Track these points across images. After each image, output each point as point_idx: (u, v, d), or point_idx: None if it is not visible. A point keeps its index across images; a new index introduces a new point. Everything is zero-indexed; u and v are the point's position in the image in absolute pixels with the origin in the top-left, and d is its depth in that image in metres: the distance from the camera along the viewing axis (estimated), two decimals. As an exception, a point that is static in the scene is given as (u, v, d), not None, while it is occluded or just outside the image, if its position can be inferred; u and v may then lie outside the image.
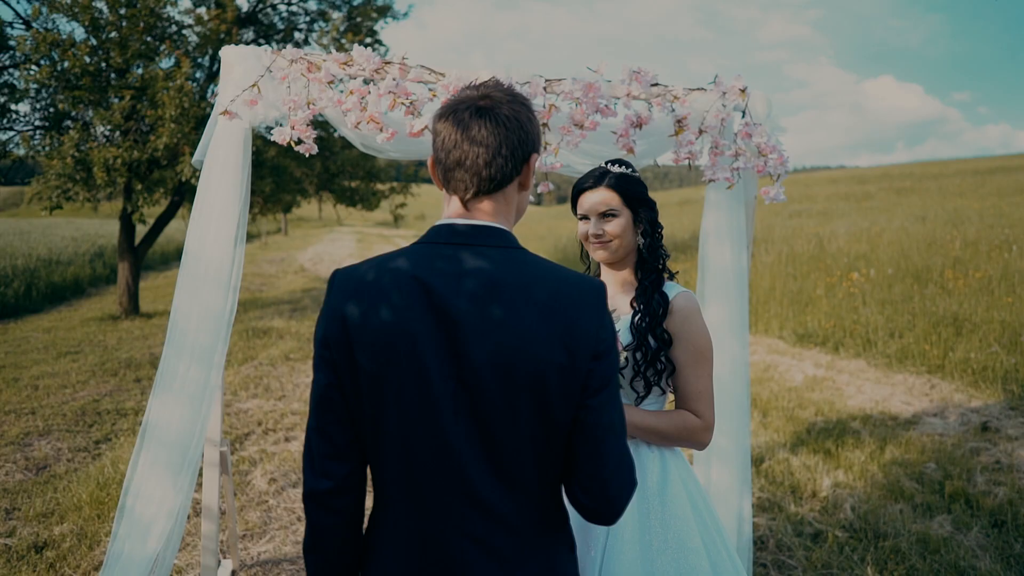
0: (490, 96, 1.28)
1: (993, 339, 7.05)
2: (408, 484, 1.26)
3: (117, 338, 9.16)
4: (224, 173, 2.52)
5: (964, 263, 9.64)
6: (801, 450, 5.05)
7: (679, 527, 1.84)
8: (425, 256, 1.25)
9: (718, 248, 2.85)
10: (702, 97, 2.76)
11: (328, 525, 1.31)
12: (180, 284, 2.50)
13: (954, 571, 3.39)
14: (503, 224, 1.31)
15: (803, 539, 3.76)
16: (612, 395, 1.26)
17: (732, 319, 2.81)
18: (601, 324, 1.24)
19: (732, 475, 2.75)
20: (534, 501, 1.28)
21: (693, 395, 1.92)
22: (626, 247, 2.00)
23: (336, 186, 12.00)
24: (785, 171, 2.66)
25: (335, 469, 1.28)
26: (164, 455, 2.41)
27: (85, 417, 5.75)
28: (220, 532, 3.47)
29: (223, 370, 2.58)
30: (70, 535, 3.71)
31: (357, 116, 2.57)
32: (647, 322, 1.92)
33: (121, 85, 8.49)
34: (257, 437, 5.35)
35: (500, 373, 1.19)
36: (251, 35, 11.13)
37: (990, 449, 4.98)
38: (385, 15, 11.55)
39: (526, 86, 2.64)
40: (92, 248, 17.29)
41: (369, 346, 1.21)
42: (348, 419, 1.26)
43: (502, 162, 1.26)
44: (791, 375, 7.26)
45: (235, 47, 2.59)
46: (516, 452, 1.23)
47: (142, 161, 8.50)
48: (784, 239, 13.63)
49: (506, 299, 1.20)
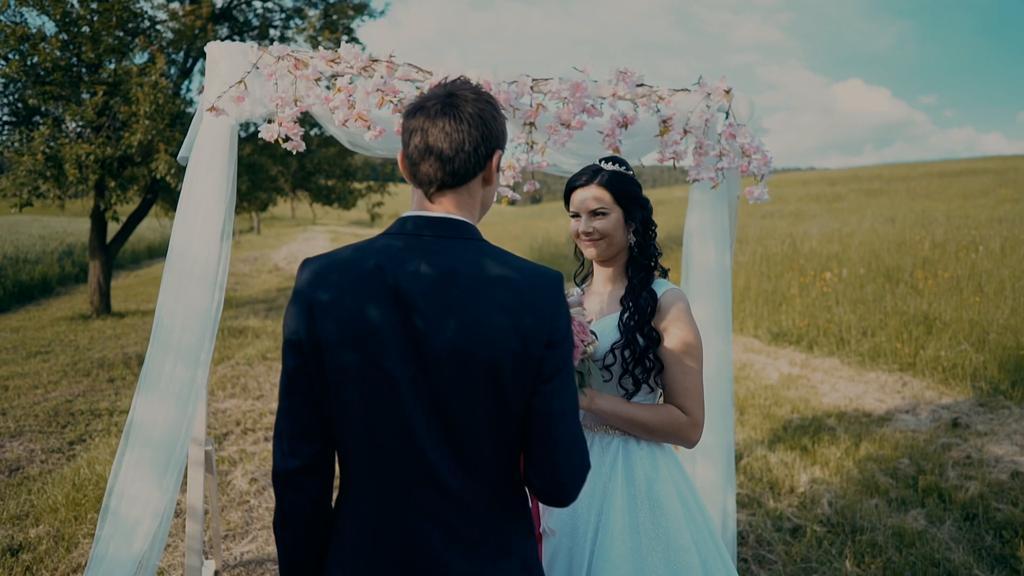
0: (456, 94, 1.33)
1: (962, 337, 7.22)
2: (371, 466, 1.30)
3: (89, 338, 8.99)
4: (210, 170, 2.50)
5: (933, 263, 9.86)
6: (778, 447, 5.13)
7: (669, 524, 1.84)
8: (389, 247, 1.31)
9: (702, 247, 2.89)
10: (686, 98, 2.80)
11: (296, 503, 1.36)
12: (165, 282, 2.47)
13: (929, 563, 3.47)
14: (466, 217, 1.36)
15: (782, 534, 3.82)
16: (564, 382, 1.31)
17: (716, 317, 2.85)
18: (555, 313, 1.29)
19: (717, 471, 2.79)
20: (492, 484, 1.32)
21: (680, 392, 1.91)
22: (617, 245, 2.00)
23: (312, 184, 11.89)
24: (768, 171, 2.71)
25: (302, 449, 1.32)
26: (149, 455, 2.39)
27: (58, 418, 5.64)
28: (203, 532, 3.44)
29: (208, 368, 2.56)
30: (46, 537, 3.65)
31: (345, 114, 2.57)
32: (636, 320, 1.92)
33: (93, 81, 8.33)
34: (236, 437, 5.29)
35: (457, 359, 1.24)
36: (225, 31, 10.99)
37: (961, 445, 5.11)
38: (362, 13, 11.48)
39: (513, 85, 2.66)
40: (60, 246, 16.93)
41: (333, 333, 1.26)
42: (315, 402, 1.31)
43: (465, 157, 1.32)
44: (767, 373, 7.36)
45: (221, 43, 2.57)
46: (474, 436, 1.28)
47: (115, 158, 8.34)
48: (758, 239, 13.81)
49: (464, 288, 1.26)
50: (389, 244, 1.32)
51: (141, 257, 21.29)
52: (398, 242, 1.32)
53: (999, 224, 13.01)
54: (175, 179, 8.10)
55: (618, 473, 1.90)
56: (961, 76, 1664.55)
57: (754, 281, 10.52)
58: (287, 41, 11.18)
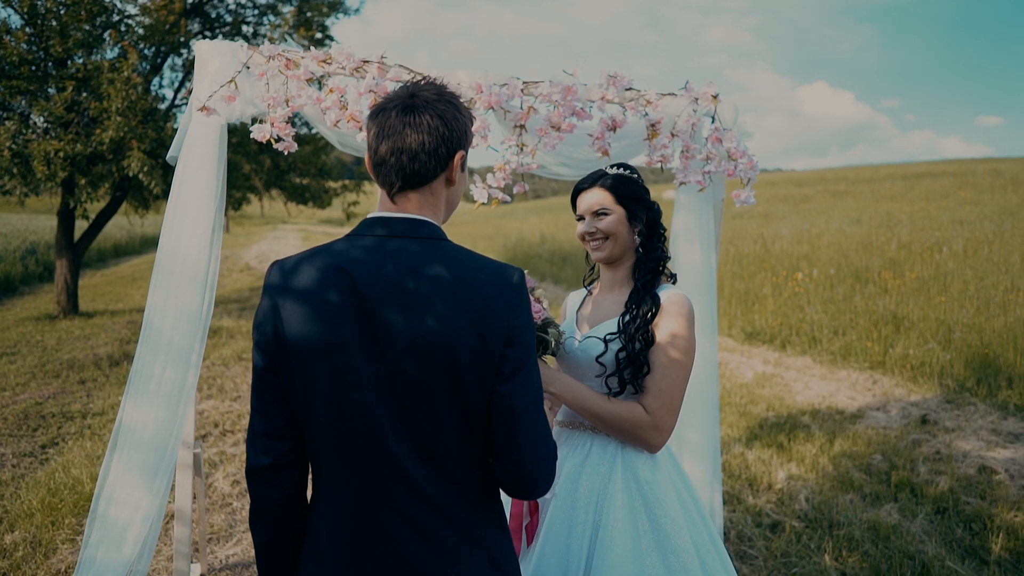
0: (418, 95, 1.36)
1: (929, 336, 7.43)
2: (339, 462, 1.32)
3: (56, 338, 8.79)
4: (200, 170, 2.48)
5: (900, 264, 10.11)
6: (755, 444, 5.22)
7: (668, 525, 1.83)
8: (352, 248, 1.33)
9: (688, 249, 2.94)
10: (674, 102, 2.85)
11: (269, 499, 1.39)
12: (154, 282, 2.44)
13: (904, 556, 3.58)
14: (429, 217, 1.38)
15: (762, 530, 3.90)
16: (526, 380, 1.33)
17: (702, 317, 2.90)
18: (515, 311, 1.31)
19: (703, 468, 2.84)
20: (458, 479, 1.34)
21: (652, 390, 1.87)
22: (621, 245, 2.00)
23: (287, 183, 11.77)
24: (755, 175, 2.76)
25: (273, 447, 1.35)
26: (139, 458, 2.35)
27: (28, 421, 5.52)
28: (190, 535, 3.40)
29: (199, 370, 2.53)
30: (23, 543, 3.57)
31: (336, 114, 2.56)
32: (636, 322, 1.91)
33: (62, 75, 8.14)
34: (215, 439, 5.23)
35: (417, 357, 1.26)
36: (197, 27, 10.82)
37: (930, 440, 5.26)
38: (337, 10, 11.38)
39: (504, 88, 2.67)
40: (23, 244, 16.49)
41: (298, 334, 1.29)
42: (284, 400, 1.34)
43: (426, 158, 1.34)
44: (741, 372, 7.48)
45: (210, 41, 2.55)
46: (437, 433, 1.30)
47: (85, 155, 8.16)
48: (730, 240, 14.01)
49: (424, 287, 1.28)
50: (353, 245, 1.34)
51: (108, 256, 20.84)
52: (361, 243, 1.34)
53: (960, 226, 13.38)
54: (148, 177, 7.95)
55: (617, 473, 1.90)
56: (921, 81, 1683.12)
57: (728, 281, 10.68)
58: (260, 37, 11.03)
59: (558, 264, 16.24)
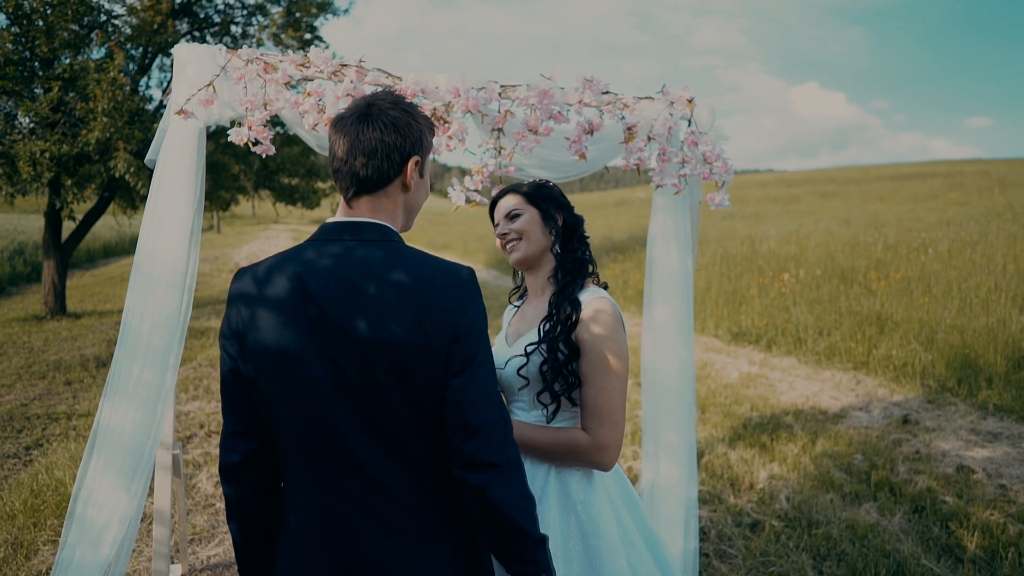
0: (374, 104, 1.42)
1: (912, 337, 7.49)
2: (302, 459, 1.37)
3: (43, 339, 8.76)
4: (178, 173, 2.49)
5: (885, 265, 10.19)
6: (738, 444, 5.27)
7: (602, 548, 1.75)
8: (308, 252, 1.39)
9: (665, 251, 2.97)
10: (650, 106, 2.88)
11: (240, 497, 1.46)
12: (132, 285, 2.45)
13: (880, 554, 3.62)
14: (385, 220, 1.43)
15: (742, 529, 3.94)
16: (475, 375, 1.35)
17: (678, 320, 2.93)
18: (460, 308, 1.34)
19: (679, 469, 2.87)
20: (418, 472, 1.38)
21: (589, 410, 1.78)
22: (536, 245, 1.95)
23: (275, 183, 11.76)
24: (729, 178, 2.80)
25: (241, 446, 1.42)
26: (117, 459, 2.36)
27: (13, 422, 5.50)
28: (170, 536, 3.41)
29: (177, 372, 2.55)
30: (4, 545, 3.57)
31: (314, 118, 2.58)
32: (557, 330, 1.82)
33: (48, 76, 8.11)
34: (200, 440, 5.23)
35: (367, 357, 1.30)
36: (186, 27, 10.80)
37: (911, 440, 5.31)
38: (325, 11, 11.38)
39: (482, 91, 2.70)
40: (11, 245, 16.39)
41: (256, 337, 1.35)
42: (249, 400, 1.40)
43: (378, 163, 1.40)
44: (727, 372, 7.53)
45: (189, 44, 2.56)
46: (394, 427, 1.34)
47: (71, 156, 8.14)
48: (718, 240, 14.08)
49: (373, 286, 1.32)
50: (307, 249, 1.40)
51: (97, 256, 20.73)
52: (316, 247, 1.39)
53: (947, 227, 13.49)
54: (134, 178, 7.93)
55: (550, 493, 1.81)
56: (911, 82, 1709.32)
57: (715, 282, 10.74)
58: (249, 38, 11.02)
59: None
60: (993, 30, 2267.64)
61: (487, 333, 1.42)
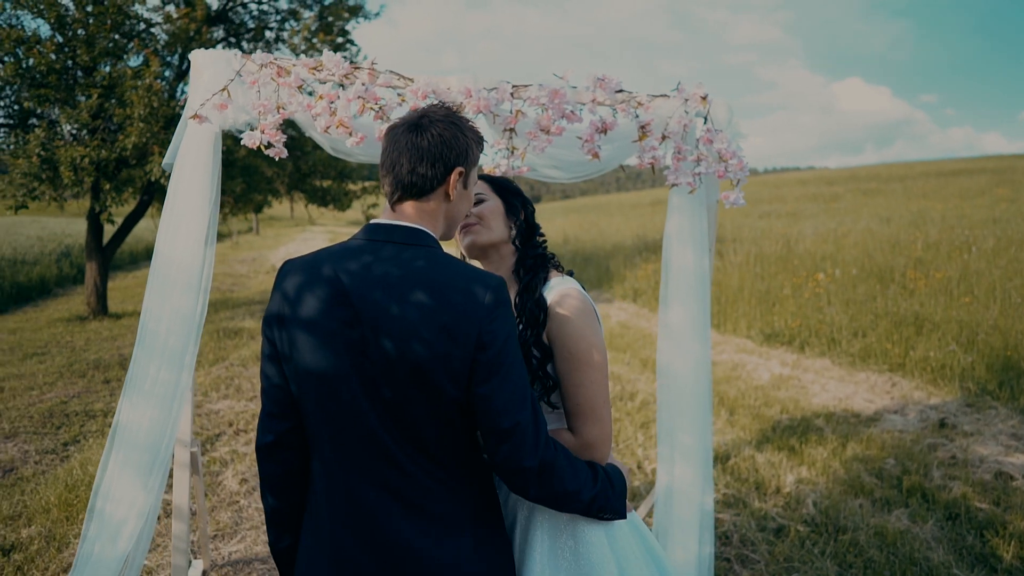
0: (426, 115, 1.51)
1: (951, 338, 7.27)
2: (330, 442, 1.46)
3: (85, 339, 9.03)
4: (194, 176, 2.53)
5: (926, 264, 9.91)
6: (766, 447, 5.17)
7: (591, 554, 1.68)
8: (346, 252, 1.46)
9: (681, 251, 2.93)
10: (665, 103, 2.84)
11: (273, 474, 1.57)
12: (150, 286, 2.51)
13: (909, 562, 3.52)
14: (426, 227, 1.51)
15: (766, 534, 3.86)
16: (505, 380, 1.39)
17: (694, 320, 2.88)
18: (488, 316, 1.38)
19: (695, 472, 2.82)
20: (443, 462, 1.45)
21: (571, 410, 1.70)
22: (494, 234, 1.88)
23: (308, 186, 11.92)
24: (745, 176, 2.75)
25: (276, 426, 1.53)
26: (135, 456, 2.42)
27: (53, 419, 5.68)
28: (191, 532, 3.48)
29: (193, 371, 2.60)
30: (38, 537, 3.69)
31: (326, 120, 2.61)
32: (528, 333, 1.74)
33: (88, 83, 8.36)
34: (228, 438, 5.33)
35: (391, 356, 1.37)
36: (221, 33, 11.02)
37: (947, 445, 5.15)
38: (357, 15, 11.51)
39: (493, 92, 2.70)
40: (58, 248, 16.96)
41: (295, 329, 1.44)
42: (285, 386, 1.50)
43: (423, 171, 1.47)
44: (758, 374, 7.40)
45: (205, 51, 2.61)
46: (417, 419, 1.40)
47: (110, 160, 8.38)
48: (753, 240, 13.86)
49: (405, 289, 1.38)
50: (348, 249, 1.47)
51: (140, 258, 21.31)
52: (356, 247, 1.47)
53: (994, 224, 13.06)
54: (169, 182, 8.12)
55: (539, 516, 1.74)
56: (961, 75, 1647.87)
57: (747, 282, 10.56)
58: (282, 43, 11.20)
59: (580, 265, 16.21)
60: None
61: (516, 338, 1.45)
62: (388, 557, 1.42)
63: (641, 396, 6.46)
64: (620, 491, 1.62)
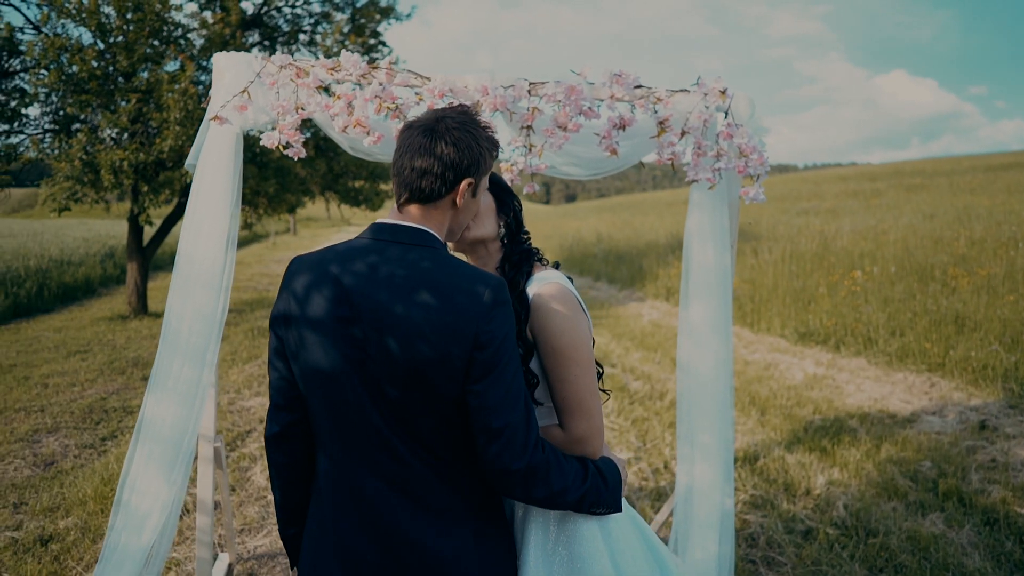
0: (443, 120, 1.48)
1: (994, 337, 7.03)
2: (334, 434, 1.48)
3: (126, 337, 9.28)
4: (215, 177, 2.59)
5: (969, 261, 9.60)
6: (797, 448, 5.07)
7: (584, 550, 1.64)
8: (351, 250, 1.47)
9: (701, 248, 2.89)
10: (685, 99, 2.80)
11: (280, 463, 1.61)
12: (173, 285, 2.57)
13: (942, 568, 3.42)
14: (431, 228, 1.51)
15: (794, 536, 3.79)
16: (497, 380, 1.39)
17: (715, 318, 2.84)
18: (486, 316, 1.38)
19: (715, 472, 2.78)
20: (443, 456, 1.46)
21: (559, 406, 1.68)
22: (484, 230, 1.84)
23: (340, 186, 12.07)
24: (765, 171, 2.70)
25: (282, 418, 1.56)
26: (158, 451, 2.48)
27: (92, 415, 5.86)
28: (217, 526, 3.55)
29: (215, 368, 2.65)
30: (74, 529, 3.80)
31: (344, 120, 2.63)
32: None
33: (127, 88, 8.59)
34: (258, 434, 5.43)
35: (390, 354, 1.38)
36: (256, 37, 11.22)
37: (987, 447, 4.99)
38: (388, 16, 11.61)
39: (510, 90, 2.69)
40: (103, 248, 17.46)
41: (301, 328, 1.46)
42: (291, 379, 1.53)
43: (432, 179, 1.46)
44: (791, 373, 7.27)
45: (227, 53, 2.66)
46: (417, 415, 1.42)
47: (148, 163, 8.60)
48: (788, 237, 13.60)
49: (410, 290, 1.39)
50: (354, 248, 1.48)
51: (180, 258, 21.77)
52: (362, 246, 1.47)
53: (1042, 220, 12.60)
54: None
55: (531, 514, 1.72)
56: (1011, 66, 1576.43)
57: (782, 280, 10.37)
58: (315, 45, 11.35)
59: (613, 263, 16.11)
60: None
61: (514, 338, 1.45)
62: (391, 548, 1.45)
63: (671, 395, 6.39)
64: (613, 485, 1.60)
